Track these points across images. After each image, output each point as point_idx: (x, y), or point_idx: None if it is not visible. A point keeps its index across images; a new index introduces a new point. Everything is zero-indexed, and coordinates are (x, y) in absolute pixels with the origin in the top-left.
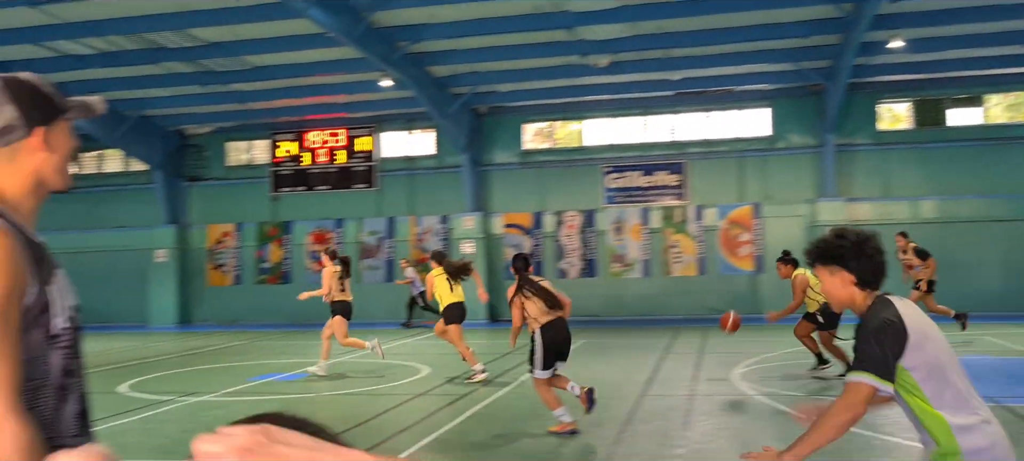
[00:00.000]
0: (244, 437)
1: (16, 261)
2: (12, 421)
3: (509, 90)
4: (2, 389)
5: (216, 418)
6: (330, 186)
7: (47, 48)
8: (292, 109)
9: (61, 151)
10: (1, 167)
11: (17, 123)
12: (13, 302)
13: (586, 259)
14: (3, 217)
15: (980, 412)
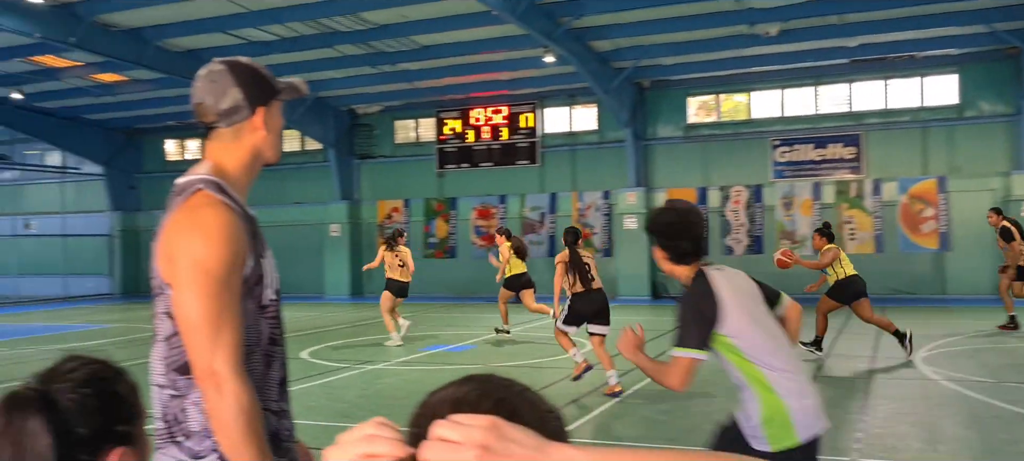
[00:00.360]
0: (481, 433)
1: (239, 234)
2: (235, 382)
3: (673, 63)
4: (227, 352)
5: (391, 386)
6: (493, 162)
7: (234, 36)
8: (457, 87)
9: (275, 129)
10: (224, 145)
11: (241, 104)
12: (235, 272)
13: (753, 235)
14: (225, 193)
15: (792, 368)
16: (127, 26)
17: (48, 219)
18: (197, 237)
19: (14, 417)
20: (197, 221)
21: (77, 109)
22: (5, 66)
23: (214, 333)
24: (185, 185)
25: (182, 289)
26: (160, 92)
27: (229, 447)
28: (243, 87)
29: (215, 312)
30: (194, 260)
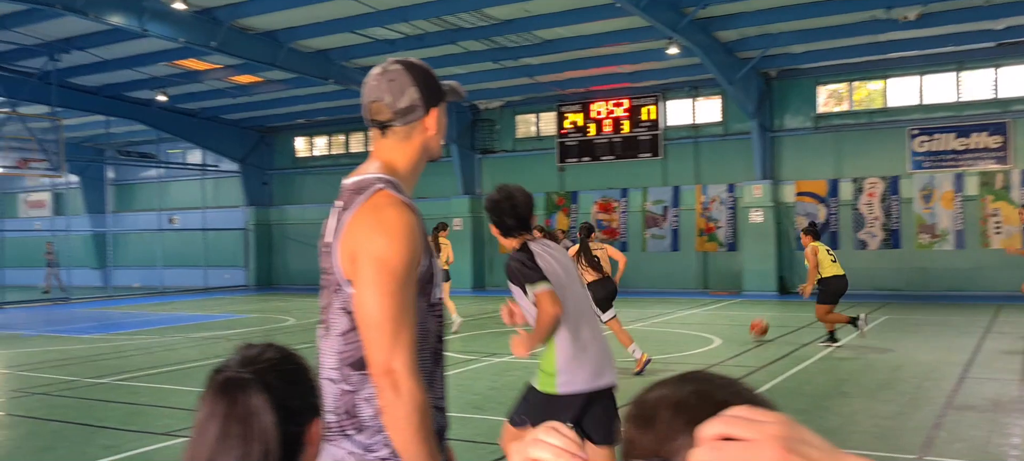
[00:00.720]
0: (778, 428)
1: (419, 233)
2: (412, 381)
3: (803, 51)
4: (405, 351)
5: (521, 378)
6: (614, 156)
7: (361, 35)
8: (577, 81)
9: (442, 129)
10: (397, 144)
11: (417, 103)
12: (413, 271)
13: (889, 229)
14: (401, 191)
15: (582, 332)
16: (263, 29)
17: (189, 214)
18: (382, 236)
19: (238, 398)
20: (382, 221)
21: (215, 109)
22: (152, 70)
23: (395, 332)
24: (363, 184)
25: (365, 287)
26: (291, 92)
27: (402, 445)
28: (419, 87)
29: (397, 311)
30: (379, 259)
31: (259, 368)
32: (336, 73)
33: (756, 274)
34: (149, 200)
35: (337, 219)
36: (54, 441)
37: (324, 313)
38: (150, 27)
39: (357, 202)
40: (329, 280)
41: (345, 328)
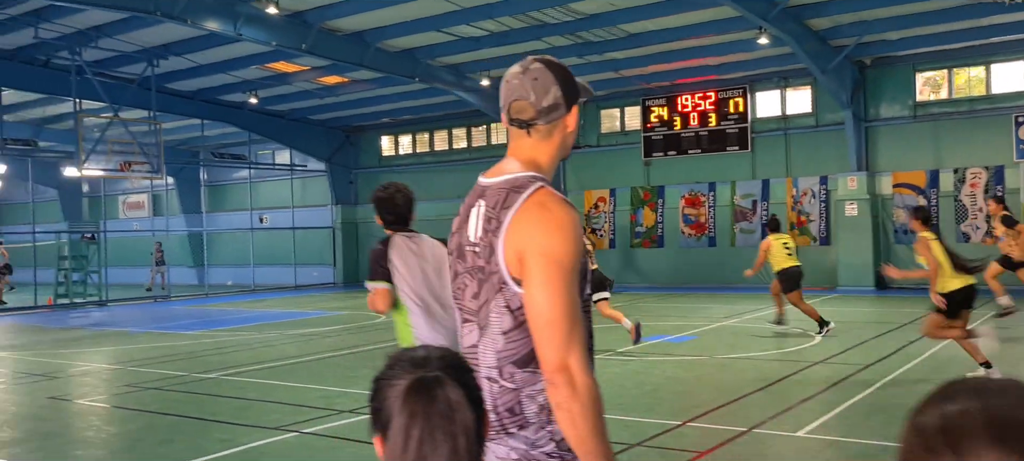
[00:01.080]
0: None
1: (581, 229)
2: (586, 377)
3: (899, 38)
4: (579, 348)
5: (618, 376)
6: (701, 149)
7: (447, 33)
8: (663, 74)
9: (576, 127)
10: (539, 142)
11: (560, 102)
12: (579, 267)
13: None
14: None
15: (436, 317)
16: (350, 30)
17: (279, 213)
18: (553, 233)
19: (438, 394)
20: (551, 218)
21: (303, 111)
22: (244, 73)
23: (569, 329)
24: (518, 182)
25: (539, 285)
26: (376, 91)
27: (578, 440)
28: (561, 85)
29: (570, 308)
30: (551, 256)
31: (444, 366)
32: (422, 72)
33: (851, 268)
34: (241, 200)
35: (482, 217)
36: (172, 434)
37: (475, 313)
38: (244, 32)
39: (518, 200)
40: (481, 278)
41: (508, 326)
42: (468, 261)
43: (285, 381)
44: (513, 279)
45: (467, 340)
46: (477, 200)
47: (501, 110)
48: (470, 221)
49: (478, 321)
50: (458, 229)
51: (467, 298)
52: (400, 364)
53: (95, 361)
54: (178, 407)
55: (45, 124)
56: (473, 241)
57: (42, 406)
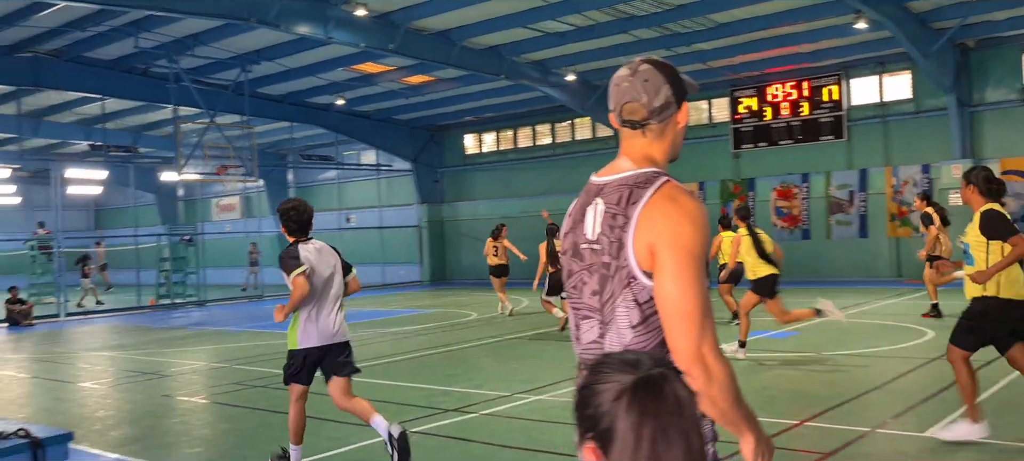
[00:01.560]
0: None
1: (708, 223)
2: (720, 362)
3: (1007, 17)
4: (711, 335)
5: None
6: (793, 140)
7: (532, 29)
8: (751, 64)
9: (685, 124)
10: (652, 141)
11: (671, 100)
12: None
13: None
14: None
15: (320, 307)
16: (437, 29)
17: (365, 213)
18: (684, 225)
19: (665, 391)
20: (682, 210)
21: (388, 111)
22: (332, 75)
23: (703, 318)
24: (642, 178)
25: (672, 277)
26: (461, 90)
27: (720, 416)
28: (671, 84)
29: (703, 298)
30: (685, 248)
31: (657, 364)
32: (507, 69)
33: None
34: (328, 200)
35: (603, 215)
36: (284, 432)
37: (598, 309)
38: (334, 35)
39: (645, 195)
40: (604, 274)
41: (636, 320)
42: (586, 259)
43: (384, 380)
44: (644, 273)
45: (587, 336)
46: (593, 199)
47: (611, 112)
48: (586, 220)
49: (600, 317)
50: (571, 229)
51: (586, 295)
52: (609, 368)
53: (200, 359)
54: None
55: (143, 131)
56: (591, 239)
57: (158, 403)
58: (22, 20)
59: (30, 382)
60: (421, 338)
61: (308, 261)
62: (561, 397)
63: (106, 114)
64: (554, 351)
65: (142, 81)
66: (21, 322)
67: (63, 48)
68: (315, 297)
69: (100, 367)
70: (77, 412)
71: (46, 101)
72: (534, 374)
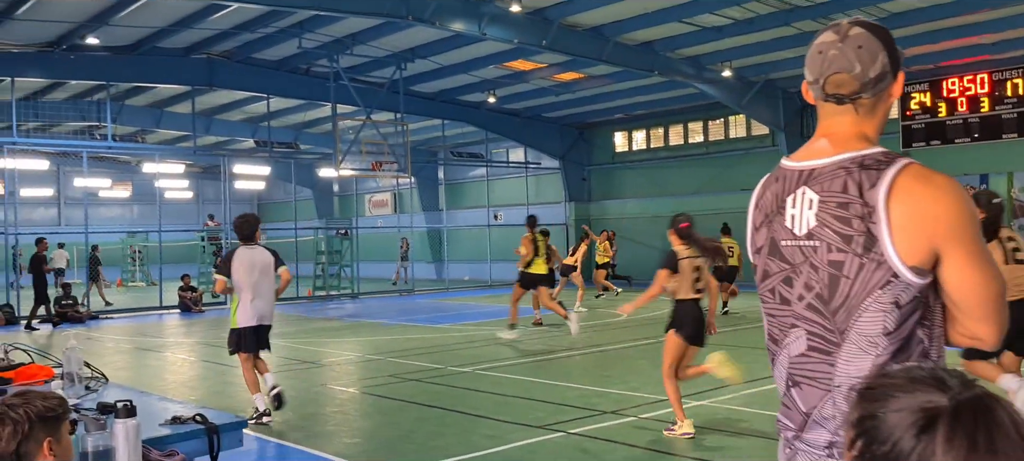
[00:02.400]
0: None
1: None
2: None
3: None
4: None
5: None
6: (971, 138)
7: (688, 24)
8: (924, 57)
9: (897, 97)
10: (864, 117)
11: (887, 70)
12: None
13: None
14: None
15: (251, 294)
16: (590, 25)
17: (513, 210)
18: (956, 204)
19: (1001, 418)
20: (945, 188)
21: (538, 108)
22: (483, 73)
23: (1000, 301)
24: (869, 159)
25: (970, 262)
26: (611, 87)
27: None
28: (887, 51)
29: (1001, 279)
30: (967, 230)
31: (962, 379)
32: (660, 65)
33: None
34: (477, 197)
35: (823, 205)
36: (441, 427)
37: (817, 316)
38: (488, 31)
39: (885, 179)
40: (833, 274)
41: (892, 325)
42: (793, 258)
43: (538, 378)
44: (910, 269)
45: (796, 346)
46: (796, 187)
47: (810, 84)
48: (787, 212)
49: (826, 324)
50: (764, 223)
51: (795, 300)
52: (897, 389)
53: (356, 350)
54: (441, 400)
55: (304, 128)
56: (800, 234)
57: (318, 392)
58: (198, 22)
59: (200, 365)
60: (571, 337)
61: (240, 261)
62: (724, 403)
63: (270, 113)
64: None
65: (304, 80)
66: (192, 308)
67: (233, 50)
68: (247, 288)
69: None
70: (242, 396)
71: (217, 101)
72: (695, 379)
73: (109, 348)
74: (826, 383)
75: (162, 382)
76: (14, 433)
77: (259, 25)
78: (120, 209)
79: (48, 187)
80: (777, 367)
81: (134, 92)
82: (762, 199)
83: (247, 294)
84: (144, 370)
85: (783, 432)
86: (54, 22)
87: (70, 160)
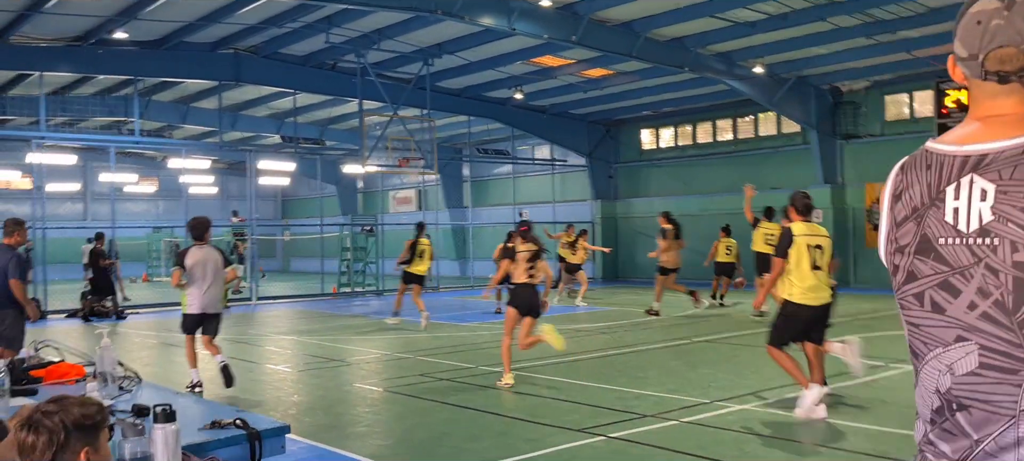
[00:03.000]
0: None
1: None
2: None
3: None
4: None
5: None
6: None
7: (720, 19)
8: None
9: None
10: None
11: None
12: None
13: None
14: None
15: (201, 288)
16: (620, 20)
17: (539, 208)
18: None
19: None
20: None
21: (564, 105)
22: (510, 69)
23: None
24: None
25: None
26: (639, 83)
27: None
28: None
29: None
30: None
31: None
32: (691, 61)
33: None
34: (502, 195)
35: (995, 196)
36: (477, 429)
37: (994, 327)
38: (517, 26)
39: None
40: (1018, 277)
41: None
42: (960, 259)
43: (572, 379)
44: None
45: (962, 364)
46: (960, 175)
47: (962, 61)
48: (947, 205)
49: (1017, 338)
50: (911, 217)
51: (960, 309)
52: None
53: (383, 348)
54: (475, 401)
55: (329, 124)
56: (970, 230)
57: (347, 391)
58: (225, 17)
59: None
60: (604, 337)
61: (193, 257)
62: (769, 409)
63: (296, 108)
64: (748, 357)
65: (330, 76)
66: None
67: (260, 45)
68: (198, 281)
69: (290, 351)
70: (272, 394)
71: (243, 96)
72: (732, 381)
73: (136, 343)
74: (1008, 408)
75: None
76: (49, 443)
77: (286, 20)
78: (146, 204)
79: (75, 182)
80: (924, 385)
81: (161, 87)
82: (907, 189)
83: (196, 287)
84: (171, 367)
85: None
86: (83, 16)
87: (97, 155)
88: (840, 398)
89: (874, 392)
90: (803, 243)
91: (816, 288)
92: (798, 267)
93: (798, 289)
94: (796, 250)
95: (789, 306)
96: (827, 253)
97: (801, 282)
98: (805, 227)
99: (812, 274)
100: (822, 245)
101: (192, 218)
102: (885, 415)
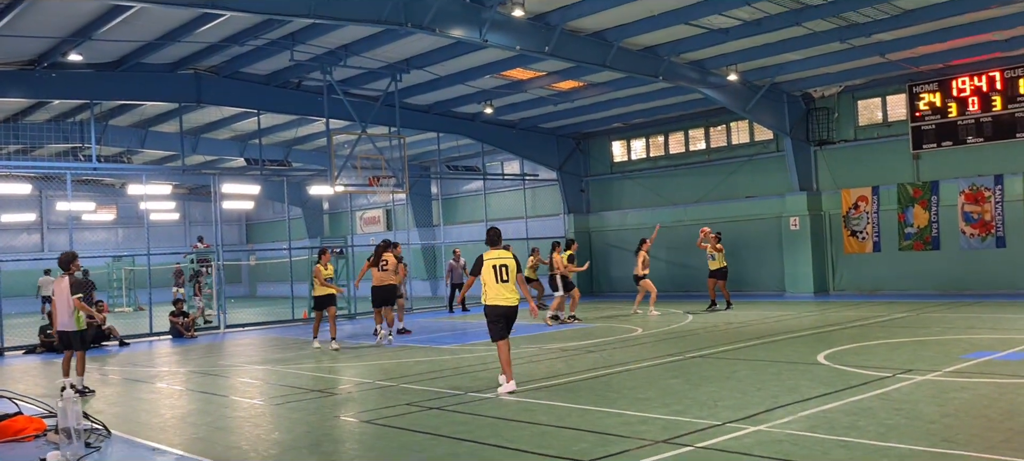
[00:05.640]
0: None
1: None
2: None
3: None
4: None
5: (970, 401)
6: (984, 138)
7: (695, 26)
8: (933, 56)
9: None
10: None
11: None
12: None
13: None
14: None
15: (59, 319)
16: (593, 30)
17: (511, 223)
18: None
19: None
20: None
21: (535, 119)
22: (480, 83)
23: None
24: None
25: None
26: (609, 95)
27: None
28: None
29: None
30: None
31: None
32: (665, 70)
33: None
34: (472, 212)
35: None
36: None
37: None
38: (490, 37)
39: None
40: None
41: None
42: None
43: (570, 403)
44: None
45: None
46: None
47: None
48: None
49: None
50: None
51: None
52: None
53: (364, 376)
54: (472, 431)
55: (294, 145)
56: None
57: (333, 426)
58: (185, 35)
59: (198, 398)
60: (593, 356)
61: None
62: (786, 429)
63: (261, 129)
64: (747, 372)
65: (295, 95)
66: (184, 333)
67: (221, 64)
68: (58, 306)
69: (264, 381)
70: (250, 432)
71: (205, 118)
72: (739, 400)
73: (97, 380)
74: None
75: (159, 419)
76: None
77: (249, 37)
78: (105, 233)
79: (30, 212)
80: None
81: (119, 111)
82: None
83: (57, 310)
84: (138, 405)
85: None
86: (35, 38)
87: (53, 183)
88: (859, 414)
89: (893, 404)
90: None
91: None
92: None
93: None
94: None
95: None
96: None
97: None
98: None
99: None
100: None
101: (62, 253)
102: (910, 433)
